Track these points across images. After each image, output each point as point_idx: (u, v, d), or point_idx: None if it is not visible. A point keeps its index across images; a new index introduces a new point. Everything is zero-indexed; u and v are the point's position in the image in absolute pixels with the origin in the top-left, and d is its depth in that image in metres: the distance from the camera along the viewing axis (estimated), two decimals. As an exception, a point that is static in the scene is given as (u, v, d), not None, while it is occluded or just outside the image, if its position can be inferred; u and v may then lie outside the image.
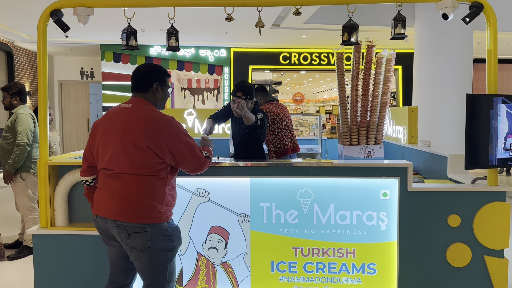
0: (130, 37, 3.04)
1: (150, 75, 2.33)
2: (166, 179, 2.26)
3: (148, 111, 2.25)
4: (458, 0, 2.82)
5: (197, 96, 15.39)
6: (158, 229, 2.21)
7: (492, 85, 2.87)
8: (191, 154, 2.28)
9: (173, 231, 2.28)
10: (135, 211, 2.17)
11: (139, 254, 2.20)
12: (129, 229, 2.17)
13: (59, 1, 2.87)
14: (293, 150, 4.48)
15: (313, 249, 2.87)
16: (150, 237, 2.17)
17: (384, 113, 3.38)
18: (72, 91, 12.29)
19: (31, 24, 8.40)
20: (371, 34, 8.91)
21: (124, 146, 2.18)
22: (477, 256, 2.86)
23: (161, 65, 2.46)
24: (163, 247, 2.22)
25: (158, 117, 2.23)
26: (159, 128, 2.19)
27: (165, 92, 2.40)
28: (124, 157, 2.18)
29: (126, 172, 2.19)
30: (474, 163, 2.81)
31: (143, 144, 2.15)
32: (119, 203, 2.18)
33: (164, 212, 2.25)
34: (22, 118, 4.13)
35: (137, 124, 2.18)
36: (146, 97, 2.33)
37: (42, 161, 2.88)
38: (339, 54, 3.37)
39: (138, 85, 2.34)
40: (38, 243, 2.92)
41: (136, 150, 2.16)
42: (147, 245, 2.17)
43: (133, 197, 2.17)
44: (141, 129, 2.17)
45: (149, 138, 2.16)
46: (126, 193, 2.18)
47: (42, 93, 2.90)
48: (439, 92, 7.31)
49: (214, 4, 2.94)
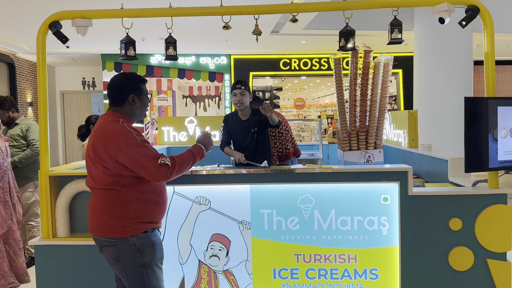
0: (128, 47, 3.06)
1: (125, 87, 2.27)
2: (124, 192, 2.17)
3: (102, 123, 2.22)
4: (454, 3, 2.83)
5: (198, 103, 15.43)
6: (125, 244, 2.16)
7: (490, 88, 2.87)
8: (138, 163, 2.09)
9: (144, 246, 2.18)
10: (99, 226, 2.21)
11: (113, 266, 2.24)
12: (99, 242, 2.24)
13: (57, 13, 2.90)
14: (295, 154, 4.50)
15: (314, 255, 2.87)
16: (117, 251, 2.17)
17: (383, 117, 3.39)
18: (74, 101, 12.35)
19: (32, 35, 8.46)
20: (369, 39, 8.94)
21: (88, 160, 2.25)
22: (479, 260, 2.84)
23: (135, 73, 2.36)
24: (133, 262, 2.17)
25: (104, 129, 2.17)
26: (103, 139, 2.15)
27: (143, 100, 2.33)
28: (88, 171, 2.27)
29: (90, 186, 2.28)
30: (474, 166, 2.80)
31: (92, 157, 2.19)
32: (90, 217, 2.27)
33: (130, 225, 2.16)
34: (35, 128, 4.39)
35: (92, 138, 2.23)
36: (121, 110, 2.28)
37: (43, 172, 2.89)
38: (337, 60, 3.39)
39: (113, 99, 2.28)
40: (40, 253, 2.93)
41: (91, 164, 2.22)
42: (116, 259, 2.19)
43: (96, 212, 2.23)
44: (91, 142, 2.21)
45: (94, 150, 2.17)
46: (93, 208, 2.26)
47: (42, 105, 2.92)
48: (439, 95, 7.31)
49: (212, 13, 2.96)
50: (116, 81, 2.30)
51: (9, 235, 3.64)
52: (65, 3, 6.26)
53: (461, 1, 2.84)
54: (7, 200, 3.63)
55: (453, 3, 2.82)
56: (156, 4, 6.35)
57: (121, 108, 2.29)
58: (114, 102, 2.29)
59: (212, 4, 3.11)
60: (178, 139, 5.97)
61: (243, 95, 3.72)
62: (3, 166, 3.63)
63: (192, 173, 2.86)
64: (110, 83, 2.31)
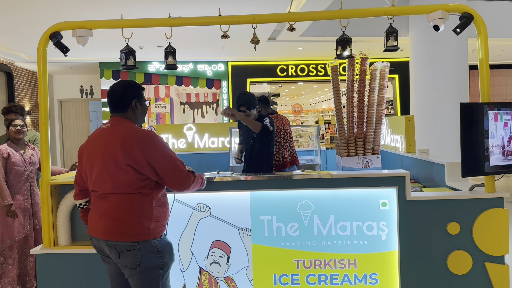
0: (128, 57, 3.09)
1: (127, 93, 2.34)
2: (151, 195, 2.25)
3: (126, 129, 2.27)
4: (448, 11, 2.88)
5: (196, 110, 15.47)
6: (147, 246, 2.20)
7: (485, 93, 2.91)
8: (172, 167, 2.24)
9: (164, 247, 2.26)
10: (123, 230, 2.19)
11: (131, 272, 2.22)
12: (118, 247, 2.19)
13: (58, 24, 2.93)
14: (292, 163, 4.48)
15: (315, 261, 2.89)
16: (140, 255, 2.18)
17: (380, 123, 3.43)
18: (72, 109, 12.36)
19: (30, 44, 8.50)
20: (366, 45, 9.03)
21: (106, 166, 2.22)
22: (478, 263, 2.87)
23: (134, 81, 2.45)
24: (154, 264, 2.22)
25: (135, 133, 2.24)
26: (136, 143, 2.19)
27: (144, 106, 2.41)
28: (107, 177, 2.22)
29: (110, 192, 2.22)
30: (470, 171, 2.84)
31: (122, 162, 2.18)
32: (107, 223, 2.22)
33: (154, 228, 2.24)
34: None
35: (115, 143, 2.21)
36: (126, 116, 2.33)
37: (44, 180, 2.91)
38: (334, 68, 3.43)
39: (116, 105, 2.34)
40: (41, 262, 2.94)
41: (117, 169, 2.19)
42: (138, 263, 2.19)
43: (119, 216, 2.19)
44: (119, 147, 2.19)
45: (127, 155, 2.17)
46: (113, 212, 2.21)
47: (43, 115, 2.94)
48: (436, 100, 7.37)
49: (210, 23, 3.00)
50: (118, 88, 2.36)
51: (25, 242, 3.73)
52: (63, 13, 6.31)
53: (455, 9, 2.89)
54: (27, 208, 3.77)
55: (447, 10, 2.87)
56: (154, 12, 6.41)
57: (125, 113, 2.34)
58: (117, 108, 2.33)
59: (210, 13, 3.16)
60: (177, 146, 5.99)
61: (249, 115, 3.66)
62: (24, 174, 3.76)
63: (193, 181, 2.89)
64: (111, 90, 2.36)
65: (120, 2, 6.04)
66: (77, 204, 2.47)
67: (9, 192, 3.68)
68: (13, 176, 3.71)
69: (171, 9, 5.58)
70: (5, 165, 3.67)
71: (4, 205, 3.61)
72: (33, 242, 3.79)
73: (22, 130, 3.80)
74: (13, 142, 3.80)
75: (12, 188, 3.71)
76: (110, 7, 6.21)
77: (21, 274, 3.76)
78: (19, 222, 3.70)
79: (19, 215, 3.71)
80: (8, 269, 3.65)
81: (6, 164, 3.67)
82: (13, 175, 3.70)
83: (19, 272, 3.74)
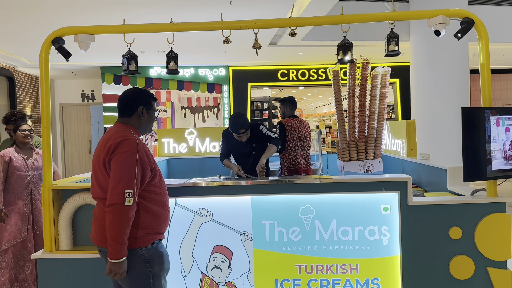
0: (130, 62, 3.11)
1: (136, 99, 2.34)
2: (137, 203, 2.16)
3: (114, 133, 2.22)
4: (449, 16, 2.89)
5: (197, 114, 15.49)
6: (134, 255, 2.16)
7: (486, 98, 2.92)
8: (112, 177, 2.07)
9: (153, 256, 2.20)
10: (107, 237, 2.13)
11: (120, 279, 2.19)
12: (106, 253, 2.16)
13: (60, 29, 2.94)
14: (306, 171, 4.44)
15: (316, 265, 2.88)
16: (127, 263, 2.13)
17: (382, 128, 3.43)
18: (73, 114, 12.38)
19: (31, 49, 8.53)
20: (367, 50, 9.04)
21: (95, 171, 2.23)
22: (480, 268, 2.86)
23: (147, 90, 2.45)
24: (141, 274, 2.17)
25: (116, 137, 2.18)
26: (111, 147, 2.14)
27: (151, 115, 2.38)
28: (95, 181, 2.22)
29: (98, 196, 2.22)
30: (472, 176, 2.83)
31: (102, 165, 2.17)
32: (96, 228, 2.22)
33: (142, 236, 2.18)
34: None
35: (102, 147, 2.19)
36: (129, 121, 2.32)
37: (46, 185, 2.92)
38: (335, 72, 3.44)
39: (122, 109, 2.34)
40: (43, 267, 2.93)
41: (101, 174, 2.18)
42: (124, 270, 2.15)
43: (104, 223, 2.12)
44: (102, 151, 2.18)
45: (103, 157, 2.15)
46: (99, 219, 2.20)
47: (45, 119, 2.95)
48: (437, 104, 7.38)
49: (212, 28, 3.01)
50: (128, 92, 2.38)
51: (22, 247, 3.72)
52: (64, 18, 6.33)
53: (456, 14, 2.90)
54: (26, 212, 3.77)
55: (448, 15, 2.88)
56: (156, 17, 6.43)
57: (129, 119, 2.33)
58: (123, 113, 2.34)
59: (211, 18, 3.17)
60: (178, 151, 6.00)
61: (247, 134, 3.72)
62: (26, 178, 3.78)
63: (194, 185, 2.89)
64: (122, 95, 2.38)
65: (121, 8, 6.06)
66: None
67: (10, 195, 3.70)
68: (14, 180, 3.72)
69: (172, 14, 5.60)
70: (7, 169, 3.69)
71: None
72: (32, 248, 3.78)
73: (30, 135, 3.86)
74: (19, 147, 3.83)
75: (13, 192, 3.72)
76: (112, 12, 6.23)
77: (20, 279, 3.75)
78: (17, 227, 3.70)
79: (17, 219, 3.70)
80: (0, 273, 3.64)
81: (7, 167, 3.69)
82: (15, 179, 3.72)
83: (16, 277, 3.72)
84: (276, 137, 3.67)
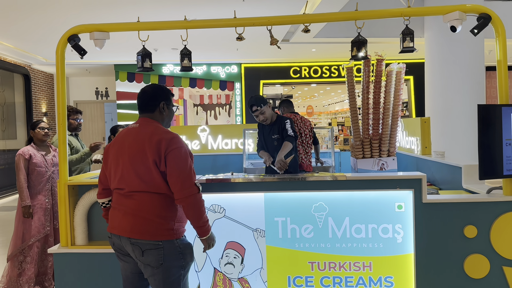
0: (145, 59, 3.13)
1: (157, 95, 2.41)
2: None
3: (154, 129, 2.32)
4: (465, 12, 2.85)
5: (209, 112, 15.56)
6: (171, 246, 2.24)
7: (503, 95, 2.87)
8: (179, 172, 2.22)
9: (185, 248, 2.31)
10: (149, 229, 2.22)
11: (153, 271, 2.24)
12: (142, 246, 2.22)
13: (76, 27, 2.98)
14: (307, 168, 4.47)
15: (329, 263, 2.88)
16: (163, 254, 2.22)
17: (396, 125, 3.40)
18: (87, 111, 12.54)
19: (47, 47, 8.65)
20: (381, 46, 8.96)
21: (133, 164, 2.25)
22: (495, 267, 2.82)
23: (165, 86, 2.53)
24: (176, 264, 2.26)
25: (163, 132, 2.30)
26: (164, 141, 2.24)
27: (171, 110, 2.47)
28: (134, 175, 2.25)
29: (137, 190, 2.25)
30: (488, 174, 2.80)
31: (149, 161, 2.22)
32: (133, 221, 2.24)
33: (177, 228, 2.29)
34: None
35: (143, 142, 2.26)
36: (153, 117, 2.40)
37: (62, 181, 2.96)
38: (349, 69, 3.42)
39: (145, 105, 2.41)
40: (59, 261, 2.98)
41: (144, 168, 2.24)
42: (161, 262, 2.22)
43: (146, 215, 2.23)
44: (147, 146, 2.24)
45: (153, 154, 2.22)
46: (139, 211, 2.24)
47: (61, 116, 2.99)
48: (451, 101, 7.28)
49: (226, 25, 3.02)
50: (149, 89, 2.44)
51: (45, 242, 3.82)
52: (78, 16, 6.41)
53: (473, 9, 2.86)
54: (48, 207, 3.87)
55: (464, 11, 2.84)
56: (168, 15, 6.47)
57: (152, 114, 2.40)
58: (146, 108, 2.40)
59: (224, 15, 3.17)
60: (190, 148, 6.04)
61: (263, 113, 3.76)
62: (45, 174, 3.88)
63: (207, 182, 2.91)
64: (142, 91, 2.45)
65: (134, 6, 6.11)
66: (100, 203, 2.50)
67: (31, 192, 3.79)
68: (35, 177, 3.81)
69: (185, 12, 5.62)
70: (27, 166, 3.78)
71: (23, 205, 3.70)
72: (52, 242, 3.87)
73: (49, 133, 3.97)
74: (37, 144, 3.90)
75: (34, 188, 3.81)
76: (125, 10, 6.29)
77: (40, 273, 3.84)
78: (40, 222, 3.79)
79: (40, 214, 3.80)
80: (27, 268, 3.73)
81: (28, 165, 3.78)
82: (35, 175, 3.81)
83: (39, 271, 3.82)
84: (291, 134, 3.69)
